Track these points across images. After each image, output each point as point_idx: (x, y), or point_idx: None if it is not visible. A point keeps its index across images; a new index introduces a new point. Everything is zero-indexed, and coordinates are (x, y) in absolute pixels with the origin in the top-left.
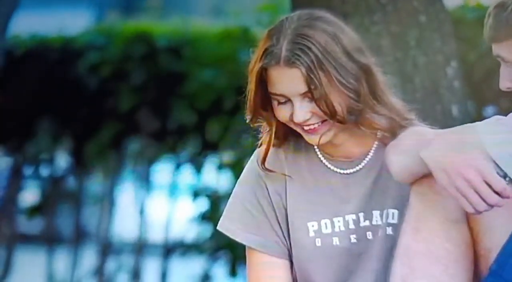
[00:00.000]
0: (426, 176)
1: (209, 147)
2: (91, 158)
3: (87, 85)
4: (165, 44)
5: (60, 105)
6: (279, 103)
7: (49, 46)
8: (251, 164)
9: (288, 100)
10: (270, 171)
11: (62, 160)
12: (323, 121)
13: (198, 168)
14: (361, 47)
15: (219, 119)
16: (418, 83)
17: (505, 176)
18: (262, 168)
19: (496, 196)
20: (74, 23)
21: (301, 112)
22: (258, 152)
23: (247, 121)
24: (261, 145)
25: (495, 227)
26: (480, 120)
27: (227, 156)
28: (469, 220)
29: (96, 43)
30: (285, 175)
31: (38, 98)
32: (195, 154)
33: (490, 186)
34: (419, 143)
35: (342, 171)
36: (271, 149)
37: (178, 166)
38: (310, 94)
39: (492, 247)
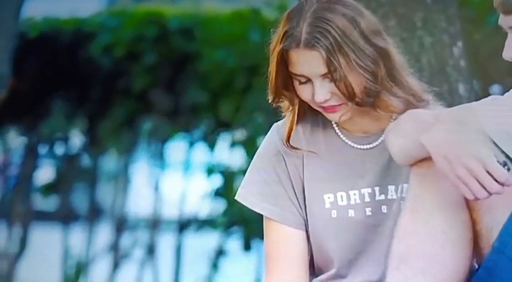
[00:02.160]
0: (425, 158)
1: (222, 125)
2: (105, 137)
3: (100, 66)
4: (177, 26)
5: (74, 86)
6: (300, 83)
7: (62, 29)
8: (270, 137)
9: (309, 80)
10: (295, 148)
11: (77, 139)
12: (343, 103)
13: (211, 145)
14: (379, 30)
15: (231, 98)
16: (425, 63)
17: (505, 163)
18: (287, 145)
19: (497, 185)
20: (86, 6)
21: (322, 92)
22: (277, 126)
23: (270, 101)
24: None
25: (496, 206)
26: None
27: (240, 134)
28: (469, 200)
29: (108, 25)
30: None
31: (52, 79)
32: (208, 132)
33: (491, 175)
34: (419, 126)
35: (359, 146)
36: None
37: (191, 144)
38: (330, 75)
39: (493, 225)
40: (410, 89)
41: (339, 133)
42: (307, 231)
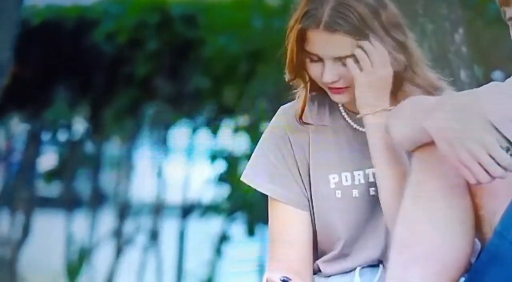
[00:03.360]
0: (427, 143)
1: (225, 111)
2: (108, 123)
3: (103, 53)
4: (179, 12)
5: (77, 73)
6: (312, 61)
7: (65, 16)
8: (276, 119)
9: (321, 59)
10: (308, 123)
11: (80, 125)
12: (348, 87)
13: (214, 131)
14: (400, 23)
15: (234, 84)
16: (426, 49)
17: (507, 148)
18: (300, 122)
19: (500, 169)
20: None
21: (331, 73)
22: (284, 108)
23: (287, 80)
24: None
25: (498, 190)
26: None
27: (243, 120)
28: (471, 185)
29: (111, 12)
30: (308, 129)
31: (55, 66)
32: (211, 118)
33: (494, 159)
34: (421, 112)
35: (364, 129)
36: (295, 105)
37: (194, 130)
38: (344, 60)
39: (496, 210)
40: (427, 79)
41: (345, 116)
42: (311, 212)
